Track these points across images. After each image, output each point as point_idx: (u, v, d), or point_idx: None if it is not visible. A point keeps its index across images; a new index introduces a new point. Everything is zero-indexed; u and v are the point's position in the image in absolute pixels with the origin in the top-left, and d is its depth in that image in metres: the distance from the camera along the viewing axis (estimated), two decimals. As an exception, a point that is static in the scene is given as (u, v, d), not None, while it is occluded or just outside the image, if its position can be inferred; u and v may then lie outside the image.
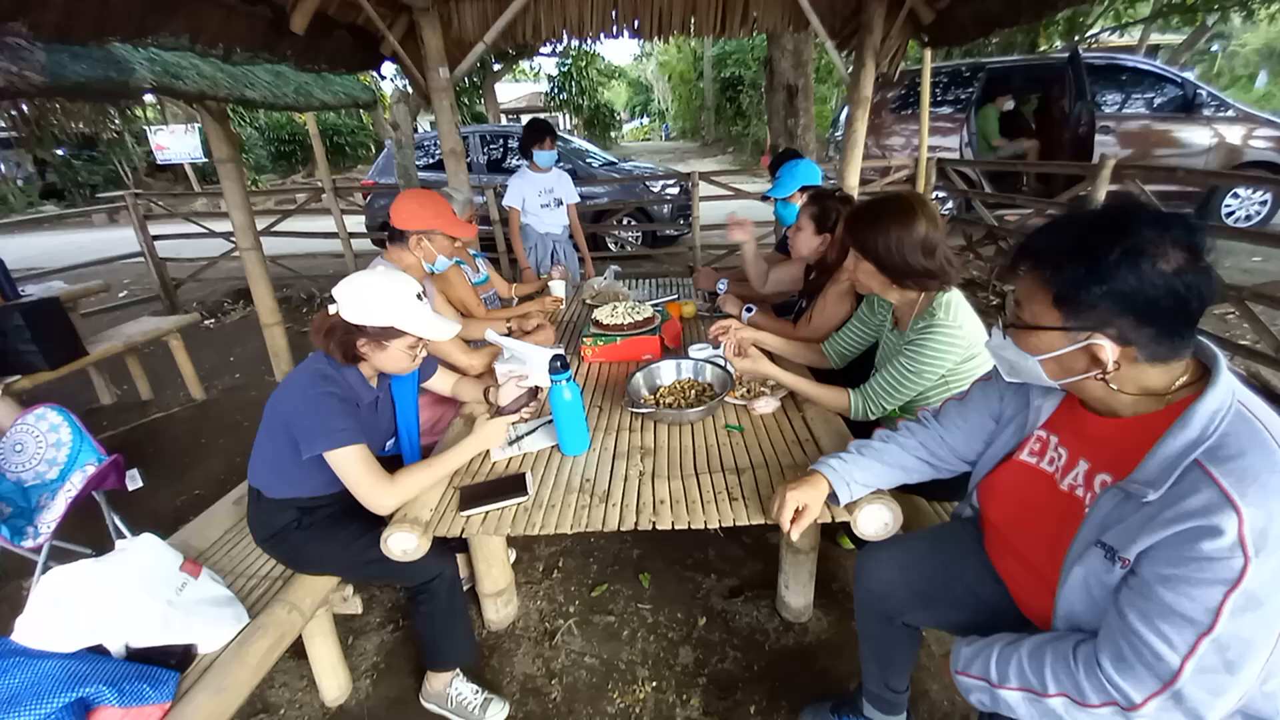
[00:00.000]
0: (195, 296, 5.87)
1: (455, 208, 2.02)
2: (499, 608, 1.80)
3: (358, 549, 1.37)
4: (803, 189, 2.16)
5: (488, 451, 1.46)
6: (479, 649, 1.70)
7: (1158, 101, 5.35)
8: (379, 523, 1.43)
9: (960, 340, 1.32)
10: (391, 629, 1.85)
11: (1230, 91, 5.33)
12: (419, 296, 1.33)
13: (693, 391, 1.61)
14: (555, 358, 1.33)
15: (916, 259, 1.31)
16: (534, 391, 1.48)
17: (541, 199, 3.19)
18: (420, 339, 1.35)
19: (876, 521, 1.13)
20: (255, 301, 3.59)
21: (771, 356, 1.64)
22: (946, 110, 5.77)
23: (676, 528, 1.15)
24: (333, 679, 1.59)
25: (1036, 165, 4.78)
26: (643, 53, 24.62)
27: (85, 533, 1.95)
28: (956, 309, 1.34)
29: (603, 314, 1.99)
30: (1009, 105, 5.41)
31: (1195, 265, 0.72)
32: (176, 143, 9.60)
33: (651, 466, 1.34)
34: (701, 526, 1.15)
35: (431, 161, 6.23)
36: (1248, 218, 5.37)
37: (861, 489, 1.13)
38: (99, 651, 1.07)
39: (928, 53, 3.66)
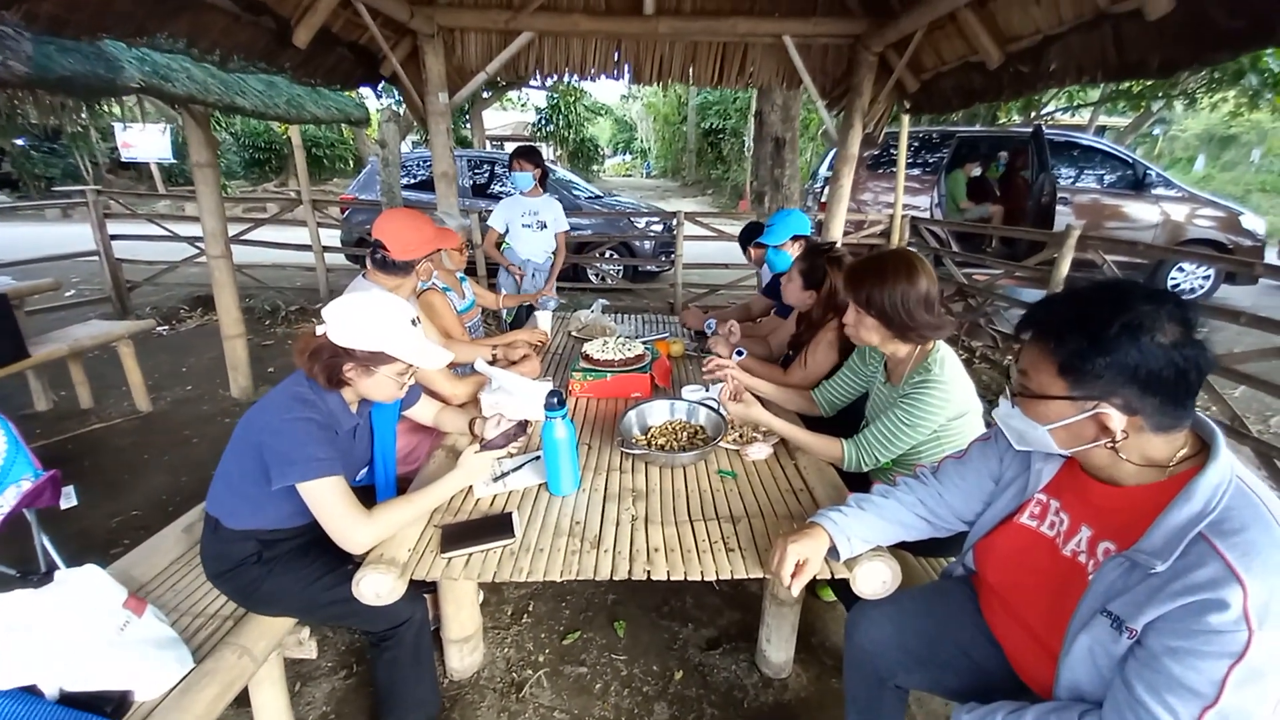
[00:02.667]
0: (150, 301, 5.58)
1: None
2: (464, 655, 1.68)
3: (320, 588, 1.27)
4: (794, 238, 2.21)
5: (470, 487, 1.39)
6: (441, 701, 1.58)
7: (1110, 178, 5.78)
8: (345, 559, 1.33)
9: (953, 395, 1.35)
10: (344, 675, 1.71)
11: (1171, 173, 5.81)
12: (413, 322, 1.28)
13: (685, 434, 1.58)
14: (552, 393, 1.29)
15: (920, 314, 1.35)
16: (523, 426, 1.43)
17: (524, 220, 3.18)
18: (410, 366, 1.29)
19: (875, 579, 1.11)
20: (219, 311, 3.43)
21: (763, 402, 1.64)
22: (916, 172, 6.10)
23: (672, 578, 1.10)
24: (277, 731, 1.44)
25: (1003, 229, 5.06)
26: (629, 93, 25.42)
27: (8, 552, 1.76)
28: (949, 365, 1.37)
29: (593, 349, 1.96)
30: (976, 171, 5.75)
31: (1190, 338, 0.76)
32: (144, 141, 9.28)
33: (644, 511, 1.29)
34: (698, 578, 1.11)
35: (413, 182, 6.19)
36: (1191, 290, 5.79)
37: (862, 544, 1.11)
38: (32, 692, 0.95)
39: (905, 118, 3.87)
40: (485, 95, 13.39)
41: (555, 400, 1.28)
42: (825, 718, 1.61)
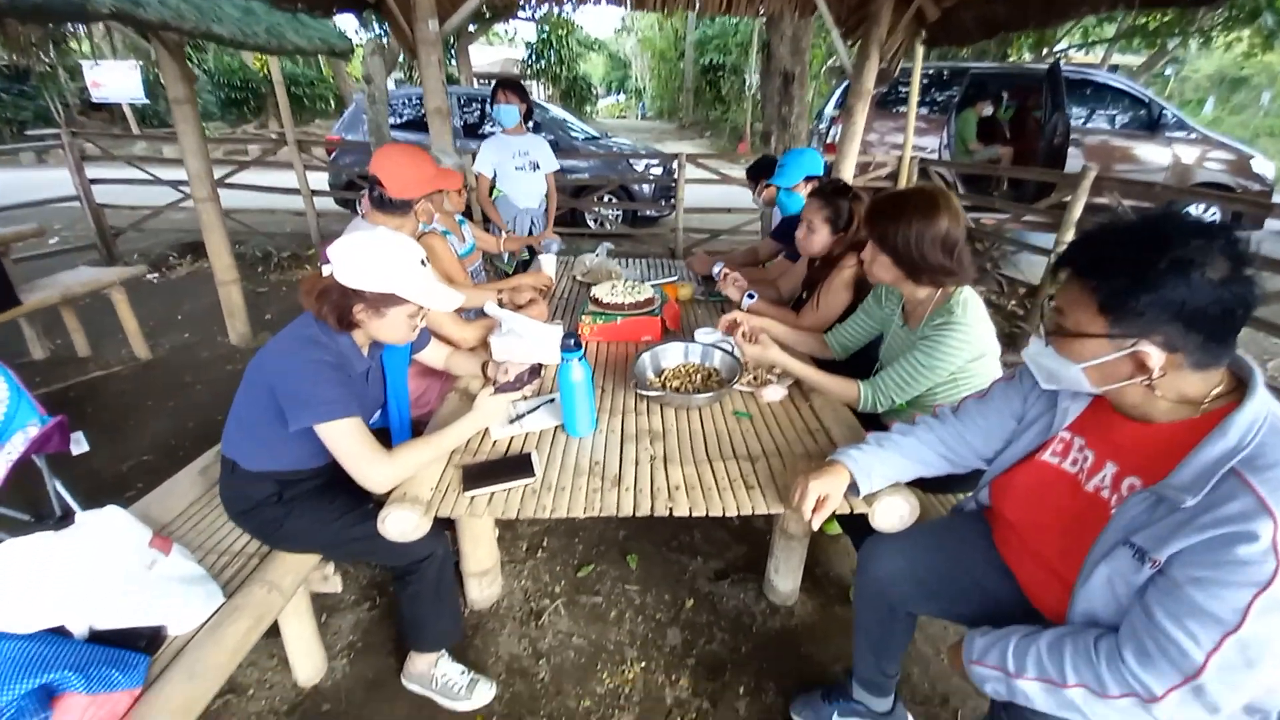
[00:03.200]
0: (136, 248, 5.42)
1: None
2: (483, 587, 1.75)
3: (342, 526, 1.29)
4: (807, 179, 2.14)
5: (486, 429, 1.40)
6: (464, 630, 1.65)
7: (1124, 119, 5.59)
8: (365, 499, 1.36)
9: (974, 339, 1.34)
10: (368, 607, 1.77)
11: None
12: (422, 263, 1.24)
13: (698, 376, 1.58)
14: (568, 335, 1.27)
15: (935, 255, 1.31)
16: (537, 368, 1.42)
17: (516, 161, 2.98)
18: (421, 308, 1.26)
19: (893, 514, 1.14)
20: (210, 256, 3.34)
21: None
22: (924, 111, 5.87)
23: (694, 514, 1.12)
24: (307, 659, 1.51)
25: (1014, 170, 4.92)
26: (624, 27, 24.04)
27: (23, 498, 1.78)
28: (972, 307, 1.35)
29: (602, 291, 1.93)
30: (988, 111, 5.54)
31: (1240, 274, 0.74)
32: (114, 80, 8.71)
33: (663, 451, 1.31)
34: (720, 514, 1.13)
35: (400, 121, 5.91)
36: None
37: (881, 481, 1.13)
38: (60, 633, 0.97)
39: (919, 51, 3.68)
40: (471, 29, 12.63)
41: (572, 342, 1.26)
42: (829, 641, 1.70)
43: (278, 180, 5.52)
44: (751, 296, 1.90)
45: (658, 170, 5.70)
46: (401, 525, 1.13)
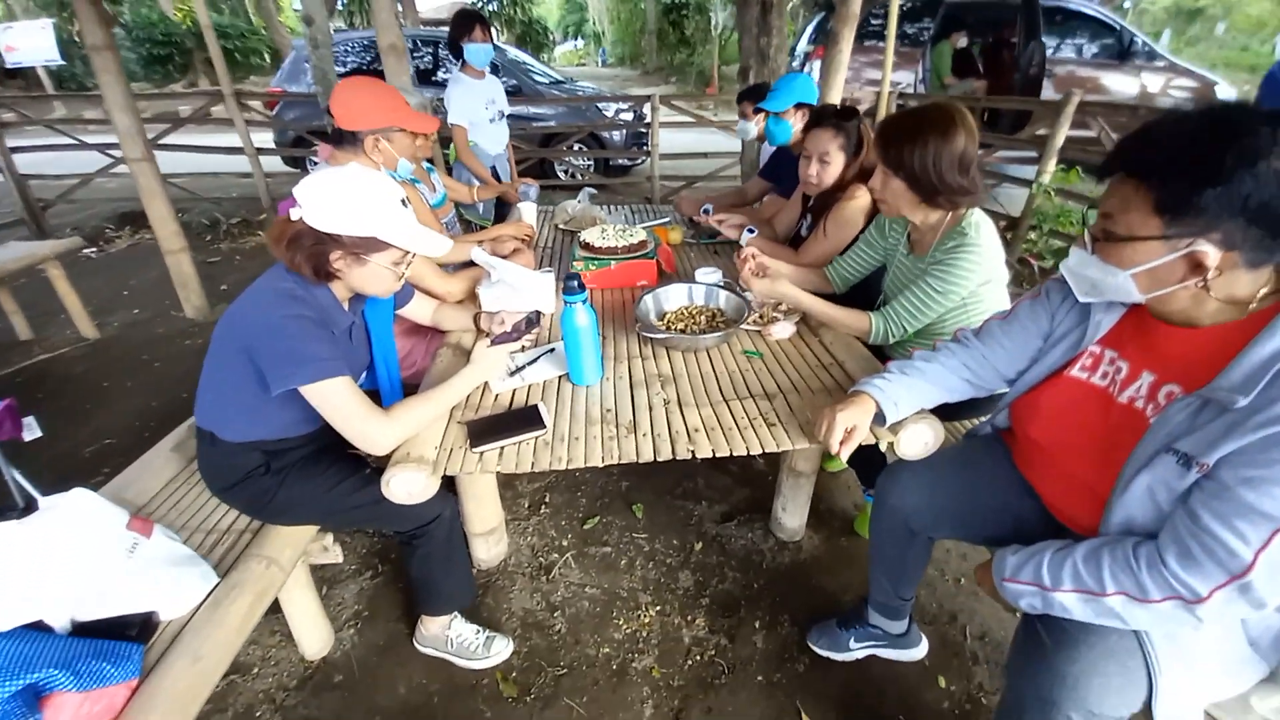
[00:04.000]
0: (68, 221, 5.00)
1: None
2: (490, 546, 1.71)
3: (341, 494, 1.22)
4: (798, 106, 2.03)
5: (485, 384, 1.32)
6: (475, 589, 1.61)
7: (1093, 48, 5.54)
8: (362, 463, 1.28)
9: (986, 260, 1.30)
10: (371, 575, 1.72)
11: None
12: (403, 203, 1.12)
13: (703, 317, 1.51)
14: (570, 277, 1.18)
15: (953, 175, 1.25)
16: (535, 317, 1.33)
17: (488, 112, 2.75)
18: (406, 253, 1.15)
19: (919, 441, 1.12)
20: (153, 224, 3.08)
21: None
22: (897, 45, 5.70)
23: (717, 455, 1.08)
24: (313, 631, 1.46)
25: (994, 100, 4.84)
26: (577, -35, 22.60)
27: (-24, 491, 1.64)
28: (984, 229, 1.31)
29: (592, 236, 1.82)
30: (963, 42, 5.41)
31: None
32: (27, 43, 7.78)
33: (676, 394, 1.25)
34: (745, 453, 1.09)
35: (345, 70, 5.46)
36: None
37: (908, 409, 1.10)
38: (40, 629, 0.88)
39: (899, -26, 3.52)
40: (413, -33, 11.62)
41: (576, 284, 1.18)
42: (838, 573, 1.73)
43: (217, 140, 5.10)
44: (751, 232, 1.82)
45: (628, 116, 5.44)
46: (409, 487, 1.05)
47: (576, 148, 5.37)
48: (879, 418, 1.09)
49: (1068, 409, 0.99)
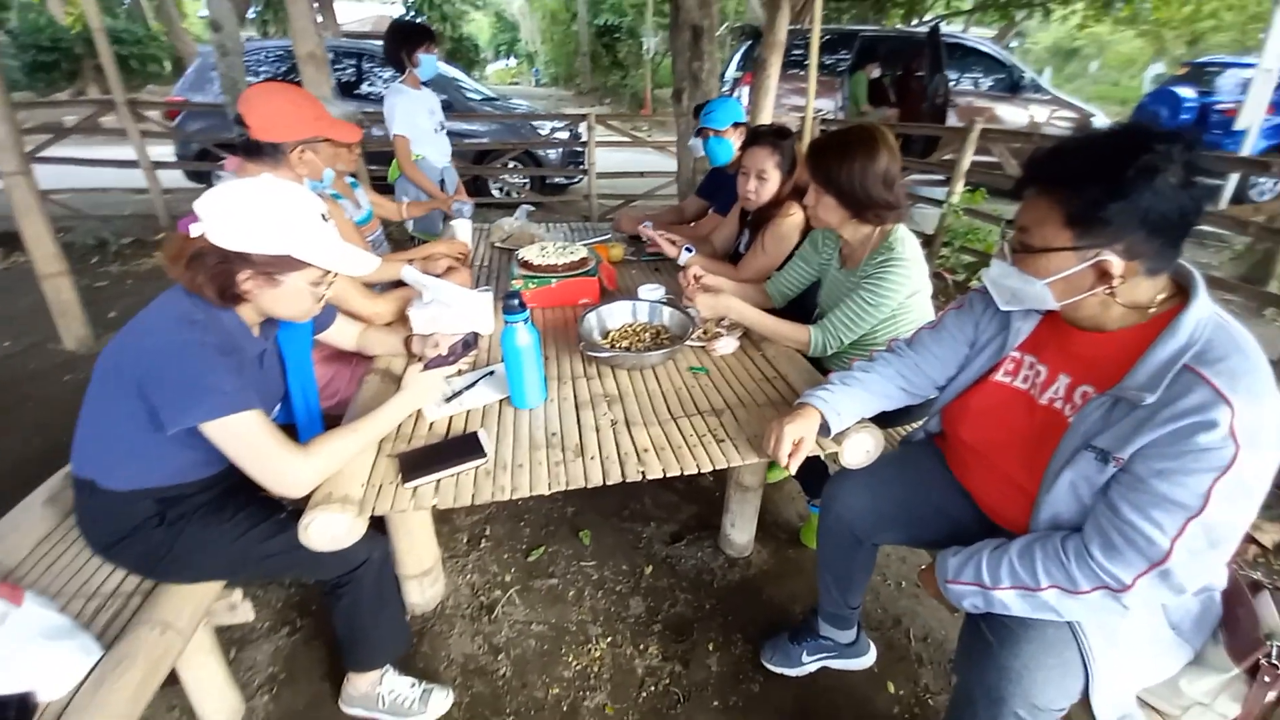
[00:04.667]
0: (-79, 243, 4.35)
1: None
2: (424, 588, 1.59)
3: (250, 542, 1.08)
4: (735, 125, 2.08)
5: (419, 412, 1.23)
6: (411, 637, 1.48)
7: (988, 81, 6.12)
8: (276, 507, 1.15)
9: (913, 273, 1.37)
10: (288, 632, 1.54)
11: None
12: (323, 217, 1.03)
13: (647, 334, 1.49)
14: (509, 295, 1.13)
15: (879, 190, 1.32)
16: (471, 339, 1.26)
17: (431, 123, 2.67)
18: (326, 273, 1.05)
19: (860, 450, 1.14)
20: (28, 245, 2.73)
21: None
22: (821, 74, 6.08)
23: (668, 475, 1.05)
24: (218, 703, 1.29)
25: (909, 126, 5.20)
26: (509, -16, 22.63)
27: None
28: (909, 244, 1.38)
29: (531, 254, 1.77)
30: (876, 73, 5.82)
31: (1194, 179, 0.76)
32: None
33: (623, 414, 1.22)
34: (695, 471, 1.07)
35: (255, 81, 5.13)
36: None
37: (850, 418, 1.12)
38: None
39: (818, 9, 3.73)
40: (334, -21, 11.21)
41: (516, 303, 1.12)
42: (787, 584, 1.73)
43: (111, 154, 4.64)
44: (690, 250, 1.83)
45: (564, 134, 5.43)
46: (331, 530, 0.95)
47: (512, 165, 5.29)
48: (824, 428, 1.10)
49: (994, 412, 1.04)
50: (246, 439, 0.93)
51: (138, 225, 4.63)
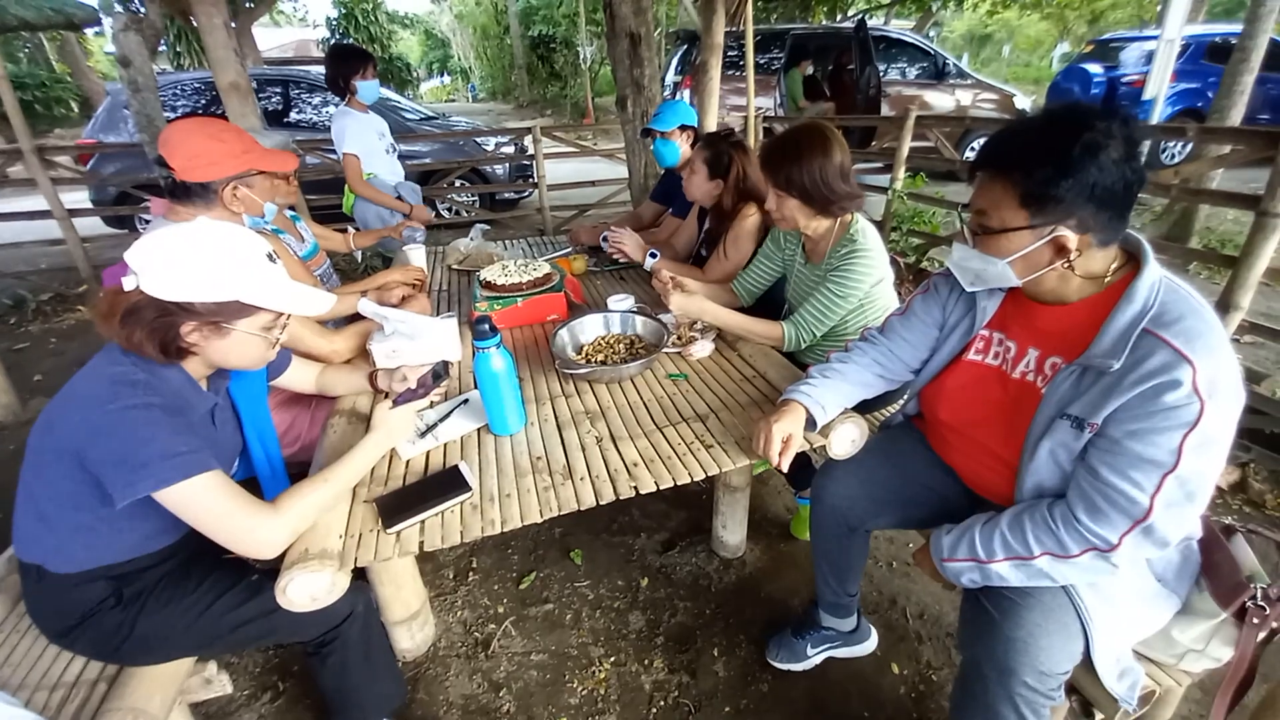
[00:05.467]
0: None
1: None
2: (414, 633, 1.51)
3: (219, 612, 1.00)
4: (682, 127, 2.09)
5: (392, 452, 1.17)
6: (405, 687, 1.41)
7: (914, 70, 6.39)
8: (246, 569, 1.07)
9: (877, 262, 1.39)
10: (270, 698, 1.45)
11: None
12: (270, 257, 0.97)
13: (621, 345, 1.47)
14: (479, 320, 1.09)
15: (839, 184, 1.34)
16: (441, 369, 1.21)
17: (381, 144, 2.64)
18: (279, 315, 0.99)
19: (846, 440, 1.15)
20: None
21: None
22: (756, 74, 6.22)
23: (662, 487, 1.03)
24: (202, 786, 1.19)
25: (847, 119, 5.36)
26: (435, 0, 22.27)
27: None
28: (870, 234, 1.40)
29: (493, 274, 1.72)
30: (810, 70, 5.99)
31: (1134, 153, 0.80)
32: None
33: (607, 430, 1.19)
34: (688, 480, 1.05)
35: (176, 117, 4.87)
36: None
37: (833, 410, 1.13)
38: None
39: (749, 10, 3.81)
40: (249, 5, 10.77)
41: (486, 328, 1.08)
42: (783, 578, 1.74)
43: (20, 205, 4.30)
44: (654, 255, 1.82)
45: (509, 148, 5.36)
46: (311, 590, 0.89)
47: (459, 184, 5.19)
48: (809, 422, 1.10)
49: (970, 389, 1.06)
50: (207, 503, 0.86)
51: (56, 279, 4.31)
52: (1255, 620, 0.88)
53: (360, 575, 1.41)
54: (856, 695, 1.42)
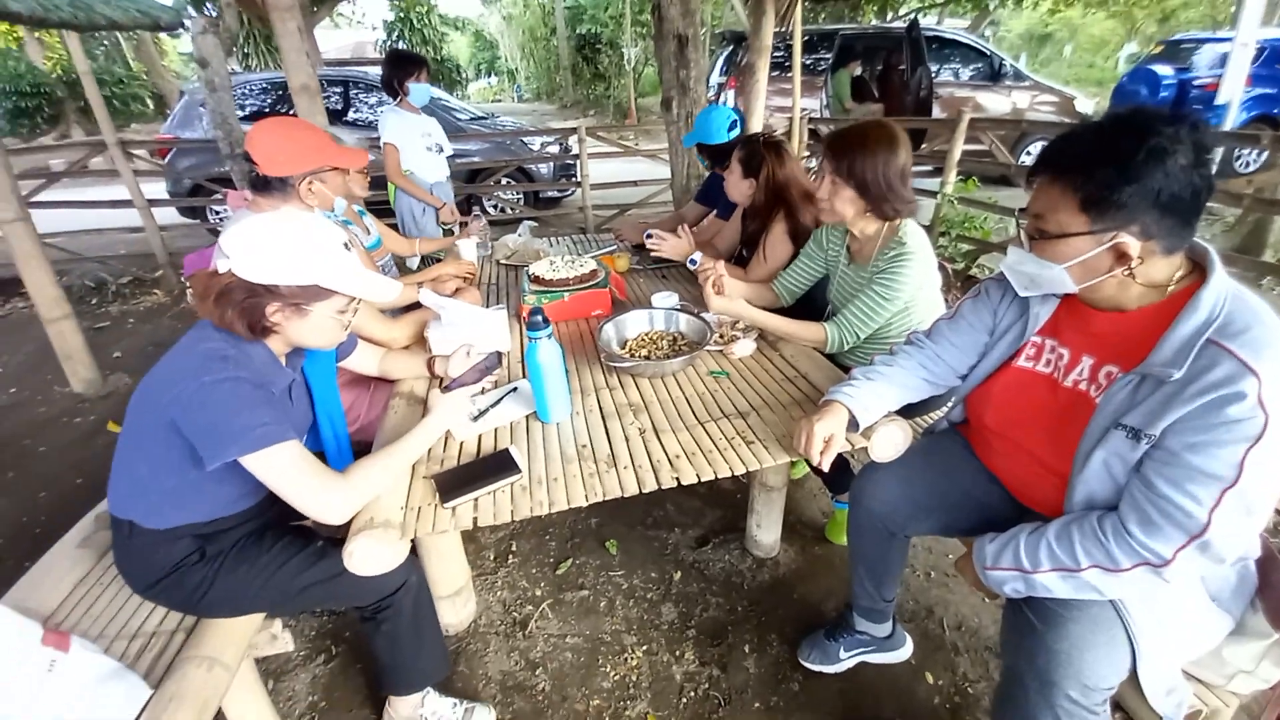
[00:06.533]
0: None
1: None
2: (458, 608, 1.59)
3: (291, 573, 1.08)
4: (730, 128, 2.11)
5: (448, 433, 1.24)
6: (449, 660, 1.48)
7: (968, 71, 6.20)
8: (313, 537, 1.15)
9: (923, 267, 1.38)
10: (324, 660, 1.54)
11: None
12: (346, 246, 1.04)
13: (665, 342, 1.51)
14: (534, 312, 1.14)
15: (898, 185, 1.33)
16: (494, 358, 1.27)
17: (424, 142, 2.76)
18: (351, 300, 1.07)
19: (890, 443, 1.15)
20: (31, 290, 2.72)
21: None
22: (803, 75, 6.14)
23: (702, 479, 1.06)
24: (263, 736, 1.28)
25: (900, 120, 5.26)
26: (485, 1, 22.76)
27: None
28: (920, 238, 1.39)
29: (541, 269, 1.78)
30: (858, 70, 5.89)
31: (1204, 158, 0.78)
32: None
33: (650, 422, 1.23)
34: (728, 474, 1.08)
35: (243, 115, 5.15)
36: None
37: (877, 412, 1.13)
38: None
39: (799, 11, 3.79)
40: (314, 9, 11.28)
41: (540, 319, 1.13)
42: (818, 582, 1.73)
43: (101, 194, 4.64)
44: (693, 263, 1.85)
45: (554, 148, 5.47)
46: (375, 556, 0.96)
47: (505, 182, 5.32)
48: (852, 424, 1.11)
49: (1019, 397, 1.05)
50: (288, 470, 0.94)
51: (135, 264, 4.63)
52: None
53: (412, 551, 1.50)
54: (889, 701, 1.42)
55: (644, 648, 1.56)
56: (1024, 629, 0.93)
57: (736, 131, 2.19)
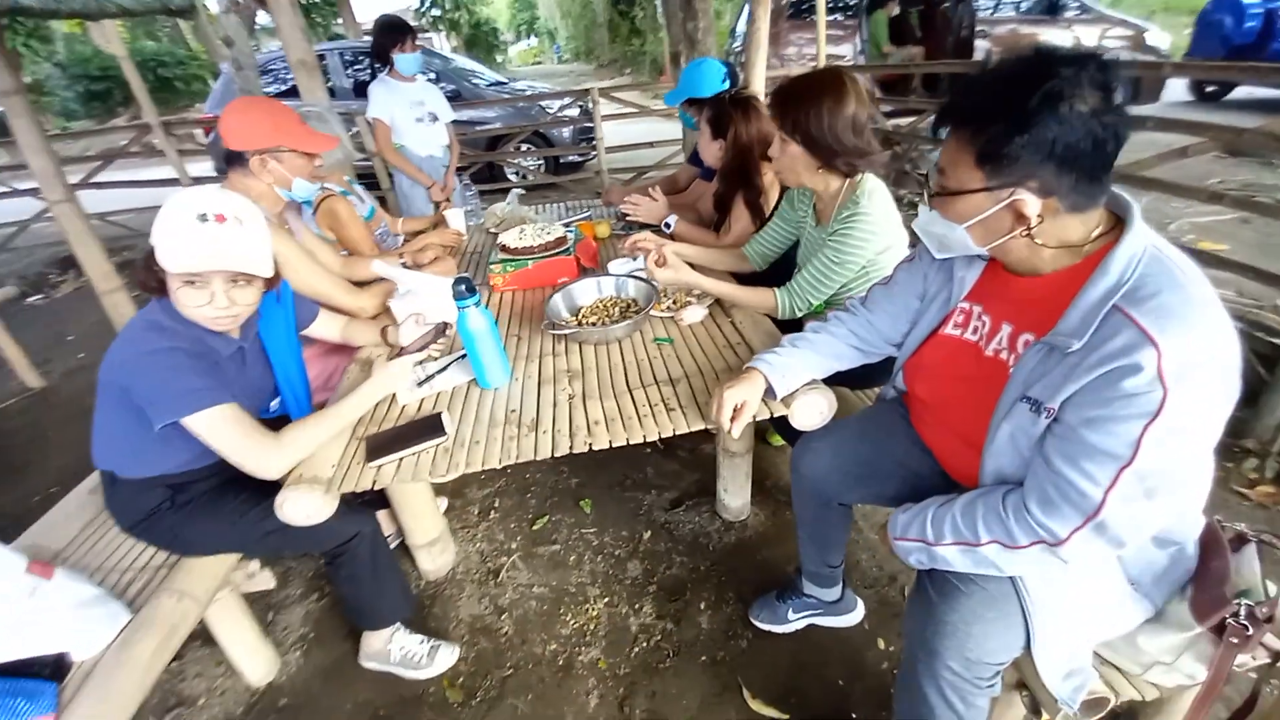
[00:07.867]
0: (11, 269, 4.87)
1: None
2: (434, 557, 1.71)
3: (249, 522, 1.20)
4: (689, 101, 2.03)
5: (394, 397, 1.31)
6: (415, 601, 1.61)
7: (1025, 4, 5.59)
8: (271, 489, 1.26)
9: (881, 228, 1.31)
10: (316, 598, 1.71)
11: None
12: (201, 218, 1.04)
13: (616, 309, 1.52)
14: (458, 280, 1.18)
15: (848, 136, 1.25)
16: (442, 327, 1.32)
17: (414, 113, 2.73)
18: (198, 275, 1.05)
19: (812, 411, 1.13)
20: (83, 263, 3.00)
21: (692, 265, 1.57)
22: (836, 18, 5.71)
23: (614, 445, 1.09)
24: (255, 659, 1.46)
25: (926, 65, 4.87)
26: (522, -37, 22.28)
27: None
28: (877, 197, 1.32)
29: (509, 238, 1.81)
30: (895, 10, 5.43)
31: (1110, 105, 0.70)
32: None
33: (581, 389, 1.26)
34: (640, 441, 1.10)
35: (285, 89, 5.33)
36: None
37: (796, 380, 1.12)
38: None
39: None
40: (351, -22, 11.36)
41: (464, 288, 1.17)
42: (781, 546, 1.75)
43: (155, 173, 4.98)
44: (668, 226, 1.82)
45: (572, 111, 5.39)
46: (304, 508, 1.05)
47: (524, 148, 5.32)
48: (770, 391, 1.10)
49: (945, 365, 1.00)
50: (223, 430, 1.04)
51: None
52: (1234, 639, 0.78)
53: (377, 506, 1.61)
54: (836, 663, 1.44)
55: (605, 600, 1.63)
56: (920, 600, 0.92)
57: (727, 85, 2.09)
